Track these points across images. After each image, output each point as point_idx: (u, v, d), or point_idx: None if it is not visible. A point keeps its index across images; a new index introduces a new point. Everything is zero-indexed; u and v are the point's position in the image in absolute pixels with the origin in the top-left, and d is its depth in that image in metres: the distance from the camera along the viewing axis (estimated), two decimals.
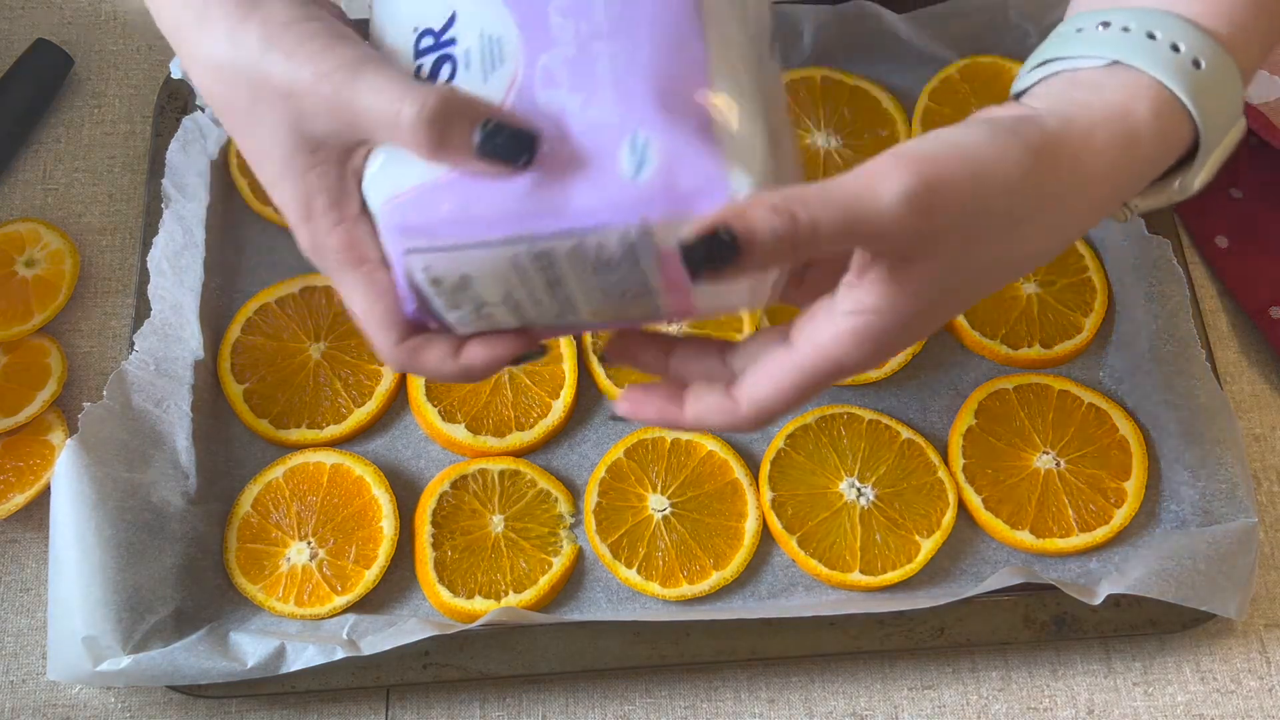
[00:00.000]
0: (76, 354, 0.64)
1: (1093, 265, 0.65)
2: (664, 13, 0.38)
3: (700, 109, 0.37)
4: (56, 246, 0.65)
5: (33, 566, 0.59)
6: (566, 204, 0.37)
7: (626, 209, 0.37)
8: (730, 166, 0.37)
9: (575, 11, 0.39)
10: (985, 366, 0.64)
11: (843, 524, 0.59)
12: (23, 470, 0.59)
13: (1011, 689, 0.57)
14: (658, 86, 0.37)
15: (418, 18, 0.41)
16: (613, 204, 0.37)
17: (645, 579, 0.57)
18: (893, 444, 0.61)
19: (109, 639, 0.53)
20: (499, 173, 0.37)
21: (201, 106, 0.66)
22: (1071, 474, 0.60)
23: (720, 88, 0.38)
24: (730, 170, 0.37)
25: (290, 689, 0.55)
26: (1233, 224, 0.67)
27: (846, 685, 0.57)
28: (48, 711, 0.56)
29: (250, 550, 0.58)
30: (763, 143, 0.38)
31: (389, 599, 0.58)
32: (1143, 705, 0.57)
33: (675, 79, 0.38)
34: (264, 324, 0.63)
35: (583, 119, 0.37)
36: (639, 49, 0.38)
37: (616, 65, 0.38)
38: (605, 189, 0.37)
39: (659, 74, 0.38)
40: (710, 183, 0.36)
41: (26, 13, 0.73)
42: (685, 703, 0.57)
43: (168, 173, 0.64)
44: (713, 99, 0.38)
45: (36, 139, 0.69)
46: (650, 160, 0.37)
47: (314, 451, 0.60)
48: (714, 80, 0.38)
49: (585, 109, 0.38)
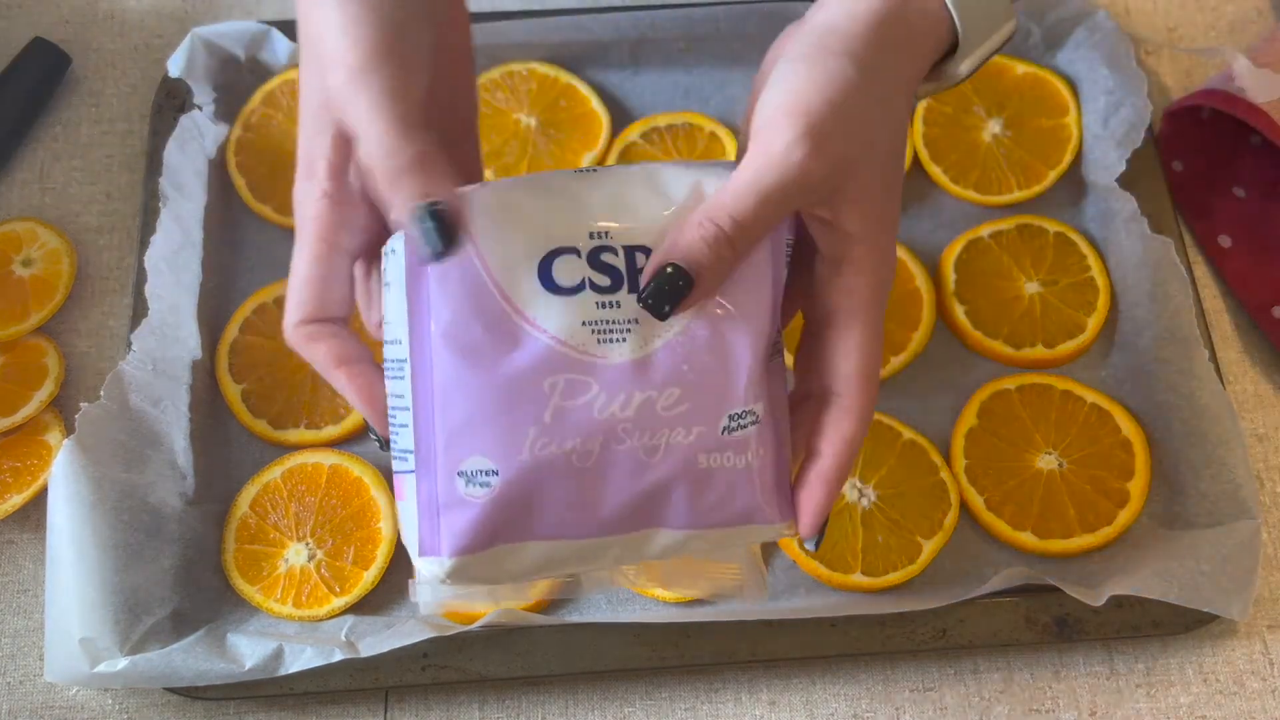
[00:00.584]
0: (74, 354, 0.64)
1: (1095, 265, 0.65)
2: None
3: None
4: (54, 246, 0.65)
5: (30, 567, 0.59)
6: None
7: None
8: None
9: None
10: (987, 366, 0.63)
11: (844, 525, 0.58)
12: (20, 471, 0.59)
13: (1013, 690, 0.57)
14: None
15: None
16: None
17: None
18: (894, 445, 0.60)
19: (106, 640, 0.53)
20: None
21: (200, 105, 0.66)
22: (1074, 474, 0.60)
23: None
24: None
25: (288, 690, 0.54)
26: (1236, 223, 0.67)
27: (848, 687, 0.57)
28: (45, 713, 0.56)
29: (248, 551, 0.58)
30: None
31: (388, 600, 0.58)
32: (1145, 706, 0.56)
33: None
34: (262, 324, 0.63)
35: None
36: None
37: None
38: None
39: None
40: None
41: (24, 11, 0.72)
42: (685, 704, 0.56)
43: (165, 172, 0.64)
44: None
45: (33, 138, 0.69)
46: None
47: (312, 452, 0.60)
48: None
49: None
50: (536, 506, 0.40)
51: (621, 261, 0.40)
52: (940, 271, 0.65)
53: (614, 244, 0.41)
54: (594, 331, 0.40)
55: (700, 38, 0.69)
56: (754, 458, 0.41)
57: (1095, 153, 0.67)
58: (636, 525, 0.41)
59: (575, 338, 0.40)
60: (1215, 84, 0.63)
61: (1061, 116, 0.68)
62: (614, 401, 0.40)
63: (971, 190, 0.67)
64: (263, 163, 0.66)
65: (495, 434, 0.39)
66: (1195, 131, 0.67)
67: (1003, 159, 0.68)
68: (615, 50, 0.69)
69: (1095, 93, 0.67)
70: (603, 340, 0.40)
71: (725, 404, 0.41)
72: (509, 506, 0.39)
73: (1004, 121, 0.68)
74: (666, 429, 0.40)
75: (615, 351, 0.40)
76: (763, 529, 0.42)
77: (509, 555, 0.40)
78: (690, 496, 0.41)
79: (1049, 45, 0.70)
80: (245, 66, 0.68)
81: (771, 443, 0.42)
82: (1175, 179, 0.68)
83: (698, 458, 0.41)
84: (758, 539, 0.43)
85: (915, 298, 0.64)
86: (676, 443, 0.40)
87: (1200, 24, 0.73)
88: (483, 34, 0.68)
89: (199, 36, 0.66)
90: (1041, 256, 0.65)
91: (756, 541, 0.43)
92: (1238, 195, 0.68)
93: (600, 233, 0.41)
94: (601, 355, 0.40)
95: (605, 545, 0.41)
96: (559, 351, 0.40)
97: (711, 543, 0.42)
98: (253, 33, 0.67)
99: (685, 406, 0.40)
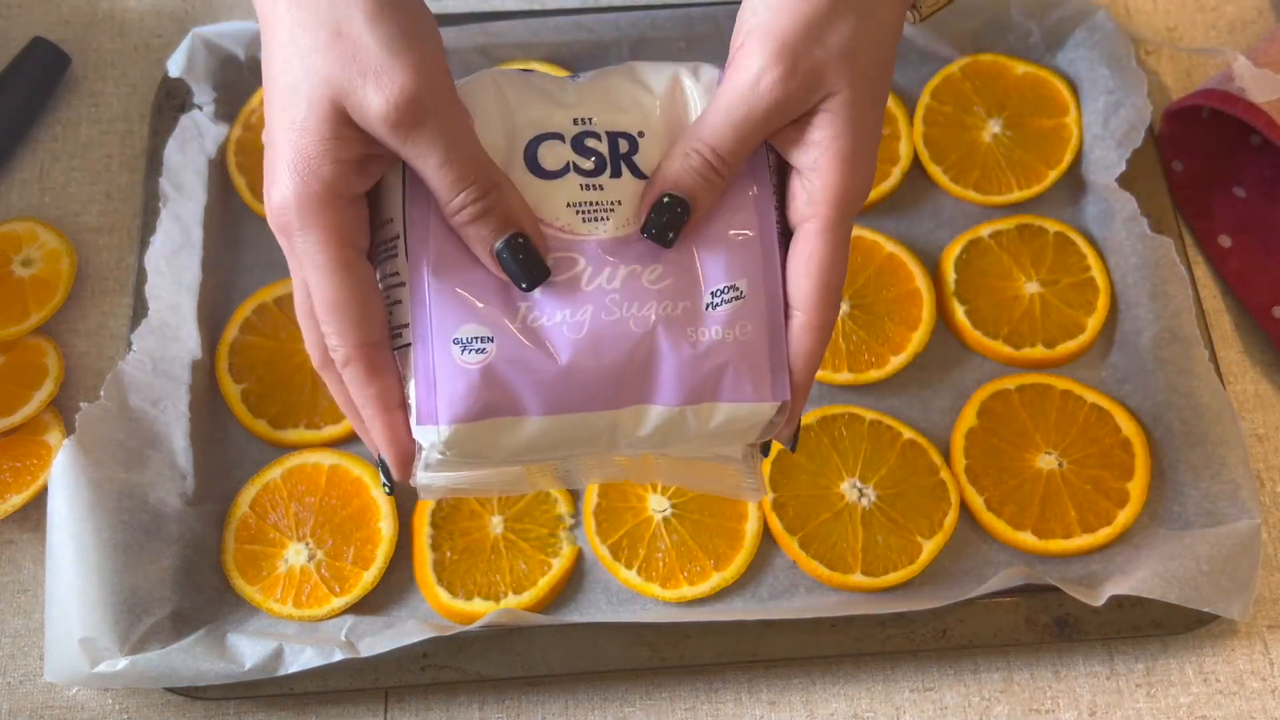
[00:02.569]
0: (73, 354, 0.64)
1: (1095, 265, 0.65)
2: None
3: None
4: (53, 246, 0.65)
5: (30, 567, 0.59)
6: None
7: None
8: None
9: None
10: (987, 366, 0.63)
11: (844, 525, 0.58)
12: (20, 471, 0.59)
13: (1013, 690, 0.57)
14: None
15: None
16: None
17: (645, 580, 0.57)
18: (894, 445, 0.60)
19: (106, 640, 0.53)
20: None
21: (200, 105, 0.66)
22: (1074, 474, 0.60)
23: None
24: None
25: (288, 690, 0.54)
26: (1236, 223, 0.67)
27: (848, 687, 0.57)
28: (45, 713, 0.56)
29: (248, 551, 0.58)
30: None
31: (387, 600, 0.58)
32: (1145, 707, 0.56)
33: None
34: (262, 324, 0.63)
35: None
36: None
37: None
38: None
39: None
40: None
41: (24, 11, 0.72)
42: (685, 705, 0.56)
43: (165, 172, 0.64)
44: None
45: (33, 138, 0.69)
46: None
47: (312, 452, 0.60)
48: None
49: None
50: (531, 377, 0.40)
51: (605, 146, 0.42)
52: (940, 271, 0.65)
53: (597, 129, 0.42)
54: (578, 212, 0.41)
55: (700, 37, 0.69)
56: (741, 333, 0.42)
57: (1095, 152, 0.67)
58: (628, 399, 0.42)
59: (561, 219, 0.41)
60: (1215, 84, 0.63)
61: (1061, 116, 0.68)
62: (600, 274, 0.41)
63: (971, 190, 0.67)
64: (262, 163, 0.66)
65: (488, 305, 0.40)
66: (1195, 131, 0.67)
67: (1003, 159, 0.68)
68: (615, 50, 0.69)
69: (1095, 93, 0.67)
70: (587, 220, 0.41)
71: (707, 281, 0.42)
72: (504, 374, 0.40)
73: (1004, 121, 0.68)
74: (654, 300, 0.41)
75: (600, 229, 0.41)
76: (753, 407, 0.42)
77: (504, 429, 0.41)
78: (679, 370, 0.41)
79: (1049, 45, 0.70)
80: (245, 66, 0.68)
81: (762, 319, 0.42)
82: (1175, 179, 0.68)
83: (685, 330, 0.41)
84: (748, 419, 0.42)
85: (915, 298, 0.64)
86: (663, 315, 0.41)
87: (1200, 24, 0.73)
88: (483, 34, 0.68)
89: (199, 36, 0.66)
90: (1041, 256, 0.65)
91: (747, 424, 0.43)
92: (1238, 195, 0.68)
93: (584, 119, 0.42)
94: (586, 233, 0.41)
95: (598, 422, 0.42)
96: (546, 231, 0.41)
97: (703, 420, 0.42)
98: (253, 33, 0.67)
99: (669, 281, 0.41)
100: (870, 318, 0.63)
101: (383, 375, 0.40)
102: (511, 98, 0.42)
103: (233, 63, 0.68)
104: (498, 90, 0.42)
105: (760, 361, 0.42)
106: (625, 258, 0.41)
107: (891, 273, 0.64)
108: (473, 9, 0.73)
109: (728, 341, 0.42)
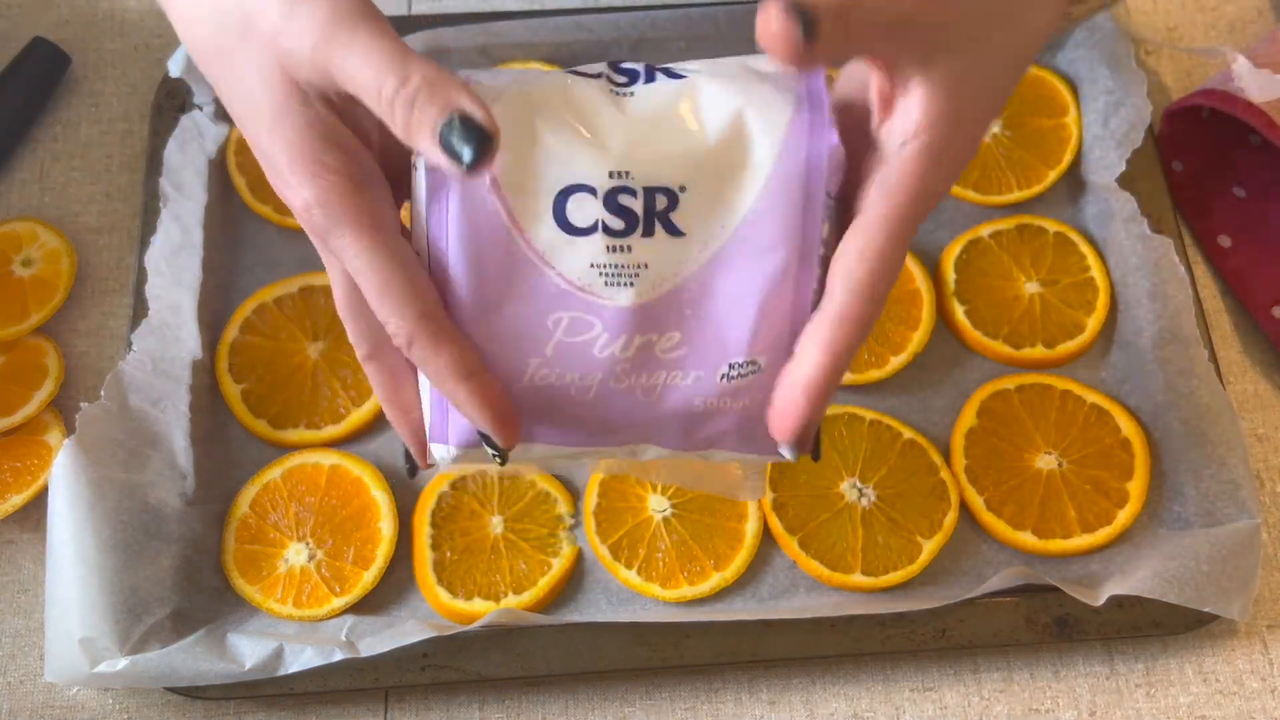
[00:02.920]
0: (73, 354, 0.64)
1: (1095, 265, 0.65)
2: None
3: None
4: (53, 246, 0.65)
5: (30, 567, 0.59)
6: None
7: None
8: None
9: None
10: (987, 366, 0.63)
11: (844, 525, 0.58)
12: (20, 471, 0.59)
13: (1013, 690, 0.57)
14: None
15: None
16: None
17: (645, 580, 0.57)
18: (894, 444, 0.60)
19: (106, 640, 0.53)
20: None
21: (200, 105, 0.66)
22: (1074, 474, 0.60)
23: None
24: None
25: (288, 690, 0.54)
26: (1236, 223, 0.67)
27: (848, 687, 0.57)
28: (45, 713, 0.56)
29: (248, 551, 0.58)
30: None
31: (387, 600, 0.58)
32: (1145, 707, 0.56)
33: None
34: (262, 324, 0.63)
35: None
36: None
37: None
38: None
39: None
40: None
41: (23, 11, 0.72)
42: (685, 705, 0.56)
43: (165, 172, 0.64)
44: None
45: (33, 138, 0.69)
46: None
47: (312, 452, 0.60)
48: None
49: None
50: (536, 421, 0.41)
51: (639, 204, 0.39)
52: (940, 271, 0.65)
53: (634, 185, 0.39)
54: (601, 274, 0.39)
55: (700, 38, 0.69)
56: (750, 401, 0.41)
57: (1095, 152, 0.67)
58: (631, 441, 0.42)
59: (583, 279, 0.39)
60: (1215, 84, 0.63)
61: (1061, 116, 0.68)
62: (615, 343, 0.40)
63: (971, 190, 0.67)
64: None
65: (499, 360, 0.40)
66: (1195, 131, 0.67)
67: (1003, 159, 0.68)
68: (615, 50, 0.69)
69: (1095, 93, 0.67)
70: (609, 283, 0.39)
71: (726, 353, 0.40)
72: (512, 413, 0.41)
73: (1004, 121, 0.68)
74: (664, 371, 0.40)
75: (621, 295, 0.39)
76: (756, 458, 0.43)
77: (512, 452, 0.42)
78: (684, 430, 0.41)
79: (1049, 45, 0.70)
80: None
81: (771, 386, 0.41)
82: (1175, 179, 0.68)
83: (693, 401, 0.41)
84: (753, 464, 0.43)
85: (915, 298, 0.64)
86: (673, 384, 0.40)
87: (1200, 24, 0.73)
88: (483, 34, 0.68)
89: None
90: (1041, 256, 0.65)
91: (752, 466, 0.44)
92: (1238, 195, 0.68)
93: (621, 173, 0.39)
94: (607, 297, 0.39)
95: (601, 452, 0.43)
96: (566, 290, 0.39)
97: (706, 459, 0.43)
98: None
99: (684, 351, 0.40)
100: None
101: (451, 341, 0.39)
102: (545, 135, 0.39)
103: None
104: (529, 119, 0.39)
105: (763, 425, 0.41)
106: (643, 327, 0.40)
107: None
108: (473, 9, 0.73)
109: (734, 410, 0.41)
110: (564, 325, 0.40)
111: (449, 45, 0.68)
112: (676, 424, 0.42)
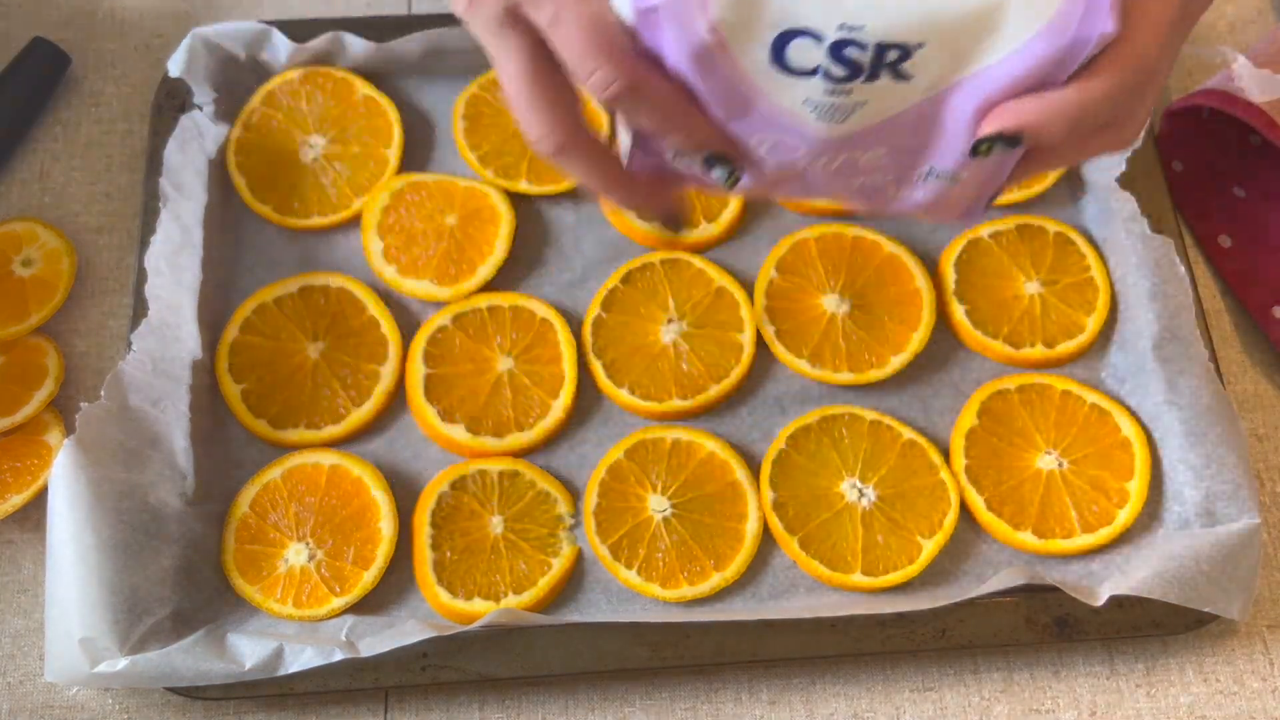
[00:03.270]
0: (73, 354, 0.64)
1: (1095, 265, 0.65)
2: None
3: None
4: (53, 246, 0.65)
5: (30, 567, 0.59)
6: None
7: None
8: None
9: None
10: (987, 366, 0.63)
11: (844, 525, 0.58)
12: (20, 471, 0.59)
13: (1013, 690, 0.57)
14: None
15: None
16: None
17: (645, 580, 0.57)
18: (894, 444, 0.60)
19: (106, 640, 0.53)
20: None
21: (200, 105, 0.66)
22: (1074, 474, 0.60)
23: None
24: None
25: (288, 690, 0.54)
26: (1236, 223, 0.67)
27: (848, 687, 0.57)
28: (45, 713, 0.56)
29: (248, 551, 0.58)
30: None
31: (387, 600, 0.58)
32: (1145, 707, 0.56)
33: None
34: (262, 324, 0.63)
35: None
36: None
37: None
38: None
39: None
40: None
41: (24, 11, 0.72)
42: (685, 704, 0.56)
43: (165, 172, 0.64)
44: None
45: (33, 138, 0.69)
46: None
47: (312, 452, 0.60)
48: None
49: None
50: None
51: (868, 57, 0.37)
52: (940, 271, 0.65)
53: (864, 39, 0.37)
54: (813, 109, 0.39)
55: None
56: (948, 188, 0.44)
57: None
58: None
59: (792, 110, 0.39)
60: (1215, 84, 0.63)
61: None
62: (818, 160, 0.41)
63: None
64: (263, 163, 0.66)
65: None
66: (1195, 131, 0.67)
67: None
68: None
69: None
70: (820, 118, 0.39)
71: (923, 160, 0.42)
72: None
73: None
74: (864, 174, 0.43)
75: (830, 128, 0.40)
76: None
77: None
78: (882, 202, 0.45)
79: None
80: (245, 66, 0.68)
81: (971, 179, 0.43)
82: (1175, 179, 0.68)
83: (886, 190, 0.44)
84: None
85: (915, 297, 0.64)
86: (872, 181, 0.43)
87: (1200, 24, 0.73)
88: None
89: (199, 36, 0.66)
90: (1041, 256, 0.65)
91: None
92: (1238, 195, 0.68)
93: (853, 25, 0.37)
94: (815, 128, 0.40)
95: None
96: (772, 118, 0.40)
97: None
98: (253, 32, 0.67)
99: (885, 161, 0.42)
100: (870, 318, 0.63)
101: (659, 78, 0.39)
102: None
103: (233, 63, 0.68)
104: None
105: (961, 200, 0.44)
106: (848, 148, 0.41)
107: (891, 273, 0.64)
108: None
109: (921, 200, 0.44)
110: (768, 145, 0.41)
111: (449, 45, 0.68)
112: (864, 198, 0.45)
